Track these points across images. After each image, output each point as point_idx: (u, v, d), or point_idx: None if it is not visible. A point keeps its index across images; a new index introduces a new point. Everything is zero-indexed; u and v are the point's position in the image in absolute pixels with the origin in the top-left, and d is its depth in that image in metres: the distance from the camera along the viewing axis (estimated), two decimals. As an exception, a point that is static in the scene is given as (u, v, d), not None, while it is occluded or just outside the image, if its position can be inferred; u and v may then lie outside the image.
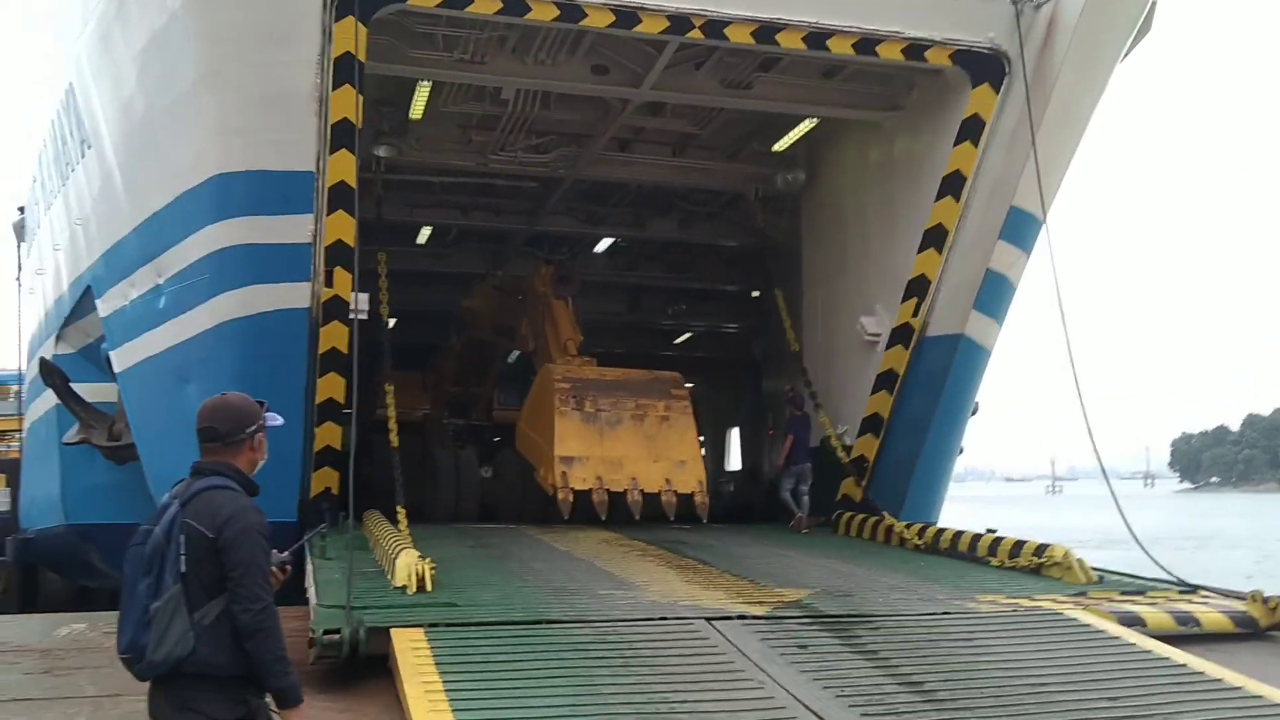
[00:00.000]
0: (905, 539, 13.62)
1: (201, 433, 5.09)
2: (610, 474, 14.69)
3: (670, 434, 15.34)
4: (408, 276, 23.80)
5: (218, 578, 4.74)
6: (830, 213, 17.75)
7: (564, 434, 14.91)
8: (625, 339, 27.83)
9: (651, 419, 15.34)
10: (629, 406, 15.27)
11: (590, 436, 14.96)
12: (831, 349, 17.23)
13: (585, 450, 14.79)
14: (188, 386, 14.19)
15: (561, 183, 18.88)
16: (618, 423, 15.12)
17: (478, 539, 13.65)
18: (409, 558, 9.38)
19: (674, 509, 14.78)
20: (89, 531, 18.96)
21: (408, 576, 9.27)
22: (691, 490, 14.97)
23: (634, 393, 15.52)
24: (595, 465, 14.70)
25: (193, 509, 4.83)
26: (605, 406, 15.15)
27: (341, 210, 12.84)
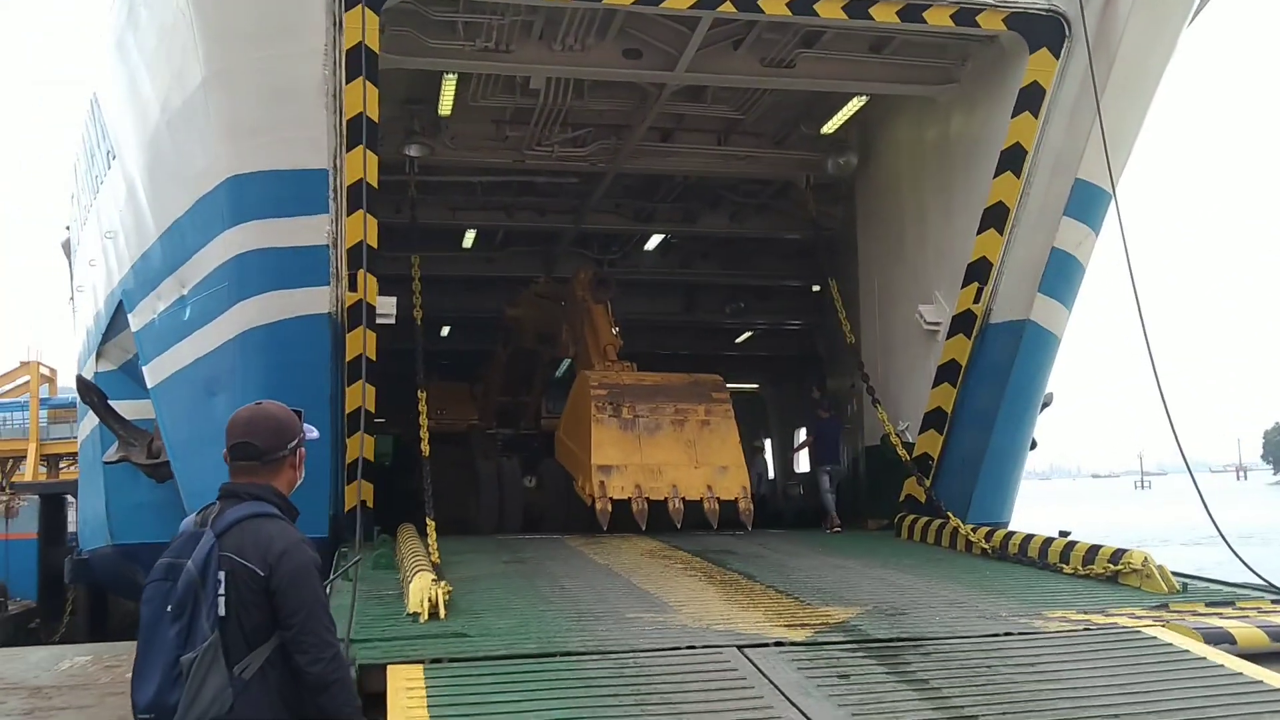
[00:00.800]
0: (971, 543, 12.63)
1: (235, 449, 4.44)
2: (650, 482, 14.07)
3: (711, 439, 14.69)
4: (456, 283, 23.53)
5: (262, 624, 4.12)
6: (885, 197, 16.79)
7: (601, 442, 14.33)
8: (683, 339, 27.41)
9: (692, 424, 14.70)
10: (668, 411, 14.68)
11: (628, 444, 14.37)
12: (890, 341, 16.31)
13: (623, 458, 14.22)
14: (215, 399, 13.73)
15: (603, 177, 18.16)
16: (657, 429, 14.54)
17: (514, 553, 12.93)
18: (422, 582, 8.67)
19: (717, 516, 14.12)
20: (133, 551, 18.67)
21: (420, 603, 8.55)
22: (735, 496, 14.32)
23: (673, 397, 14.91)
24: (634, 473, 14.10)
25: (234, 541, 4.19)
26: (643, 412, 14.58)
27: (362, 211, 12.22)
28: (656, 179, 19.36)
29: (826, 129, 16.83)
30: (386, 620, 8.54)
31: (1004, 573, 11.03)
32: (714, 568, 11.38)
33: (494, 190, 19.63)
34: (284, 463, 4.45)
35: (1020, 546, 11.74)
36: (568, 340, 18.29)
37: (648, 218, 20.66)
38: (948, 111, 14.78)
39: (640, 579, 10.62)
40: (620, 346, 16.88)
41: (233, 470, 4.47)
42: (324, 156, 11.58)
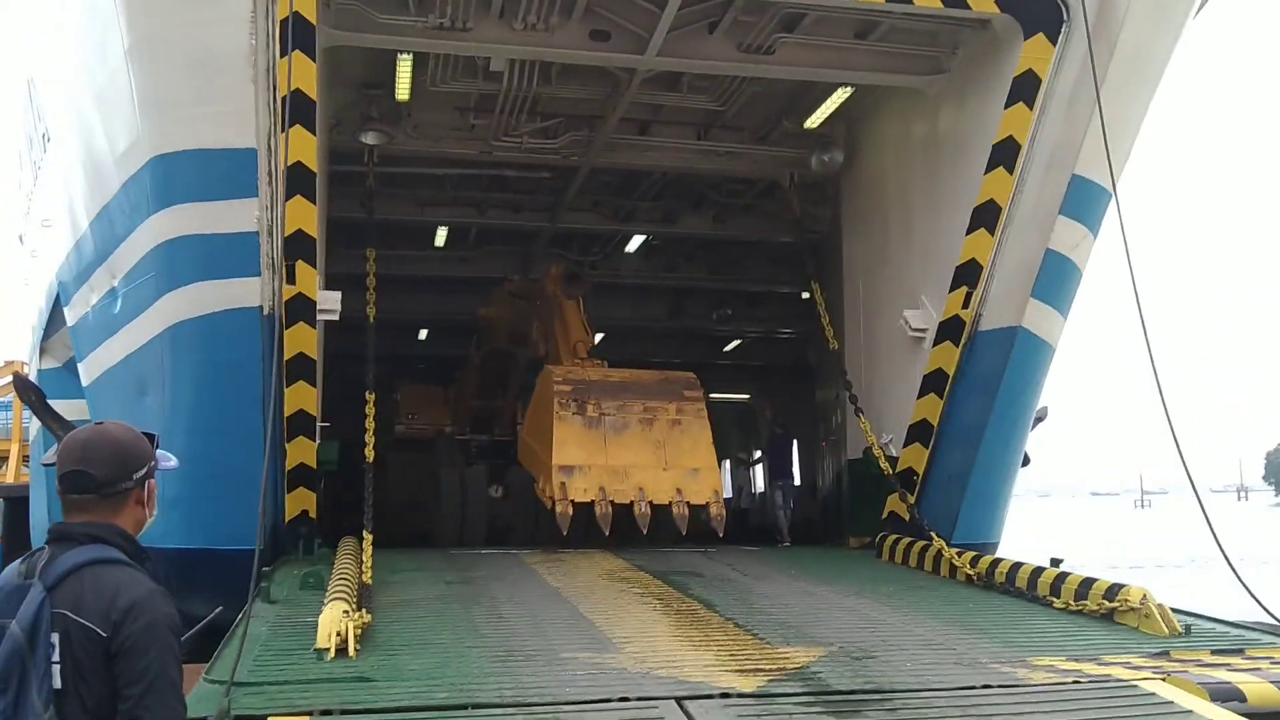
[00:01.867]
0: (956, 569, 11.62)
1: (67, 480, 3.54)
2: (615, 484, 13.15)
3: (683, 439, 13.77)
4: (429, 283, 22.57)
5: (108, 699, 3.25)
6: (870, 196, 15.85)
7: (563, 440, 13.39)
8: (671, 346, 26.52)
9: (661, 423, 13.76)
10: (636, 410, 13.77)
11: (593, 443, 13.44)
12: (873, 348, 15.37)
13: (587, 458, 13.31)
14: (146, 400, 12.74)
15: (578, 172, 17.18)
16: (623, 428, 13.61)
17: (462, 572, 11.94)
18: (332, 614, 7.65)
19: (686, 522, 13.22)
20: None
21: (327, 638, 7.54)
22: (706, 501, 13.42)
23: (642, 395, 14.01)
24: (598, 475, 13.19)
25: (69, 595, 3.32)
26: (610, 410, 13.67)
27: (301, 196, 11.31)
28: (635, 175, 18.37)
29: (810, 123, 15.84)
30: (288, 657, 7.53)
31: (988, 605, 10.03)
32: (673, 594, 10.39)
33: (463, 185, 18.63)
34: (128, 496, 3.60)
35: (1008, 575, 10.73)
36: (538, 339, 17.45)
37: (627, 217, 19.67)
38: (936, 104, 13.80)
39: (589, 606, 9.61)
40: (592, 345, 15.98)
41: (65, 506, 3.57)
42: (251, 134, 10.56)
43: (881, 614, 9.53)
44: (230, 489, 12.03)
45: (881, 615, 9.47)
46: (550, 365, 15.07)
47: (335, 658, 7.39)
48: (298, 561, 12.20)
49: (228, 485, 12.02)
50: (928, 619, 9.27)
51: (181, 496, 12.73)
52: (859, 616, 9.41)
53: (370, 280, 14.82)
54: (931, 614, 9.52)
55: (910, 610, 9.67)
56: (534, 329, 17.69)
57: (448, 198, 19.03)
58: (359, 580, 9.79)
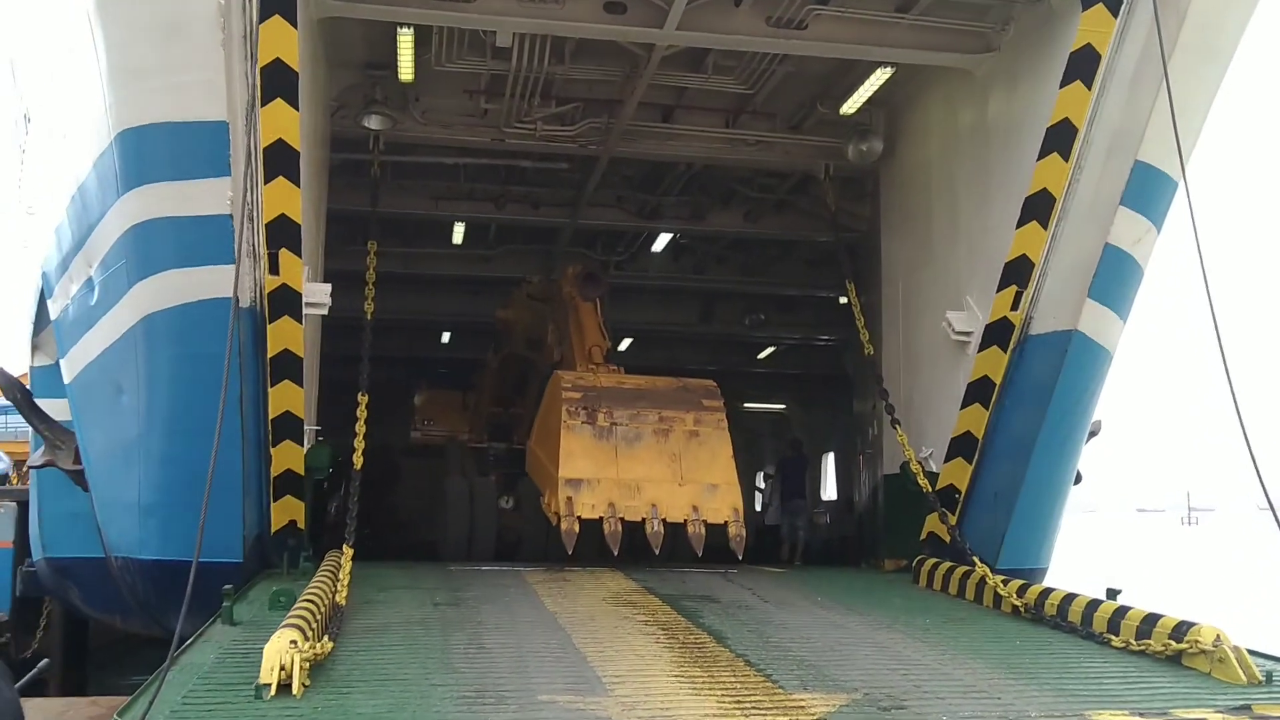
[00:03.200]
0: (1001, 598, 10.53)
1: None
2: (626, 500, 12.34)
3: (700, 452, 12.95)
4: (450, 283, 22.05)
5: None
6: (912, 189, 14.83)
7: (571, 452, 12.60)
8: (702, 352, 26.10)
9: (677, 434, 12.95)
10: (650, 419, 12.99)
11: (603, 455, 12.68)
12: (913, 354, 14.41)
13: (596, 471, 12.53)
14: (122, 399, 11.92)
15: (597, 163, 16.24)
16: (636, 439, 12.84)
17: (454, 591, 11.01)
18: (278, 644, 6.70)
19: (701, 542, 12.39)
20: (65, 566, 16.93)
21: (270, 671, 6.60)
22: (724, 519, 12.53)
23: (657, 403, 13.19)
24: (608, 489, 12.38)
25: None
26: (622, 419, 12.90)
27: (283, 178, 10.42)
28: (659, 168, 17.48)
29: (846, 109, 14.78)
30: (224, 693, 6.65)
31: (1039, 644, 8.96)
32: (681, 623, 9.39)
33: (479, 176, 17.86)
34: None
35: (1060, 608, 9.65)
36: (553, 343, 16.65)
37: (652, 214, 18.76)
38: (985, 85, 12.76)
39: (584, 636, 8.63)
40: (609, 349, 15.11)
41: None
42: (222, 105, 9.68)
43: (916, 652, 8.47)
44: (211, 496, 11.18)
45: (916, 653, 8.41)
46: (560, 370, 14.27)
47: (277, 695, 6.47)
48: (281, 577, 11.34)
49: (200, 493, 11.19)
50: (969, 659, 8.22)
51: (158, 503, 11.90)
52: (890, 655, 8.35)
53: (369, 275, 13.96)
54: (973, 653, 8.47)
55: (949, 648, 8.62)
56: (549, 332, 16.90)
57: (463, 191, 18.31)
58: (331, 601, 8.87)
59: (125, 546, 12.93)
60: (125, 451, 12.17)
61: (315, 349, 12.91)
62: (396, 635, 8.55)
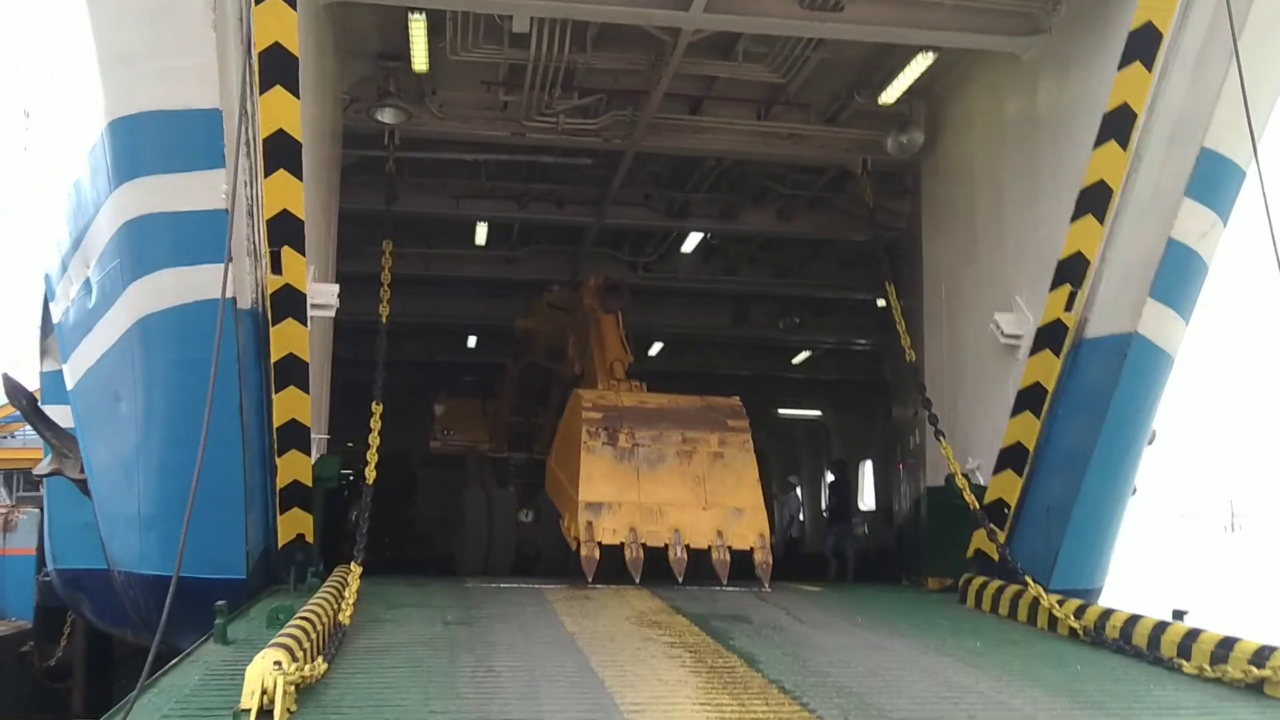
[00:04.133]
0: (1057, 620, 9.91)
1: None
2: (647, 525, 12.20)
3: (725, 475, 12.80)
4: (474, 286, 21.80)
5: None
6: (955, 183, 14.32)
7: (591, 474, 12.47)
8: (735, 357, 25.86)
9: (701, 456, 12.81)
10: (674, 440, 12.87)
11: (624, 477, 12.55)
12: (958, 359, 13.88)
13: (617, 494, 12.40)
14: (120, 406, 11.53)
15: (622, 158, 15.79)
16: (659, 461, 12.72)
17: (468, 608, 10.54)
18: (260, 667, 6.20)
19: (727, 569, 12.20)
20: (76, 578, 16.59)
21: (250, 696, 6.10)
22: (750, 545, 12.38)
23: (681, 423, 13.07)
24: (629, 513, 12.26)
25: None
26: (644, 440, 12.79)
27: (285, 171, 10.04)
28: (687, 164, 17.03)
29: (885, 99, 14.23)
30: (203, 718, 6.14)
31: (1100, 669, 8.38)
32: (710, 645, 8.85)
33: (501, 174, 17.46)
34: None
35: (1122, 631, 9.04)
36: (574, 354, 16.47)
37: (681, 212, 18.29)
38: (1035, 71, 12.19)
39: (604, 659, 8.10)
40: (630, 364, 14.95)
41: None
42: (214, 92, 9.26)
43: (968, 678, 7.88)
44: (210, 509, 10.75)
45: (968, 679, 7.82)
46: (580, 389, 14.11)
47: (257, 720, 5.97)
48: (287, 593, 10.90)
49: (208, 505, 10.72)
50: (1026, 686, 7.64)
51: (158, 516, 11.52)
52: (939, 681, 7.77)
53: (384, 276, 13.53)
54: (1030, 679, 7.89)
55: (1004, 674, 8.03)
56: (570, 344, 16.69)
57: (485, 189, 17.92)
58: (331, 620, 8.39)
59: (127, 560, 12.56)
60: (125, 462, 11.81)
61: (325, 353, 12.49)
62: (400, 656, 8.06)
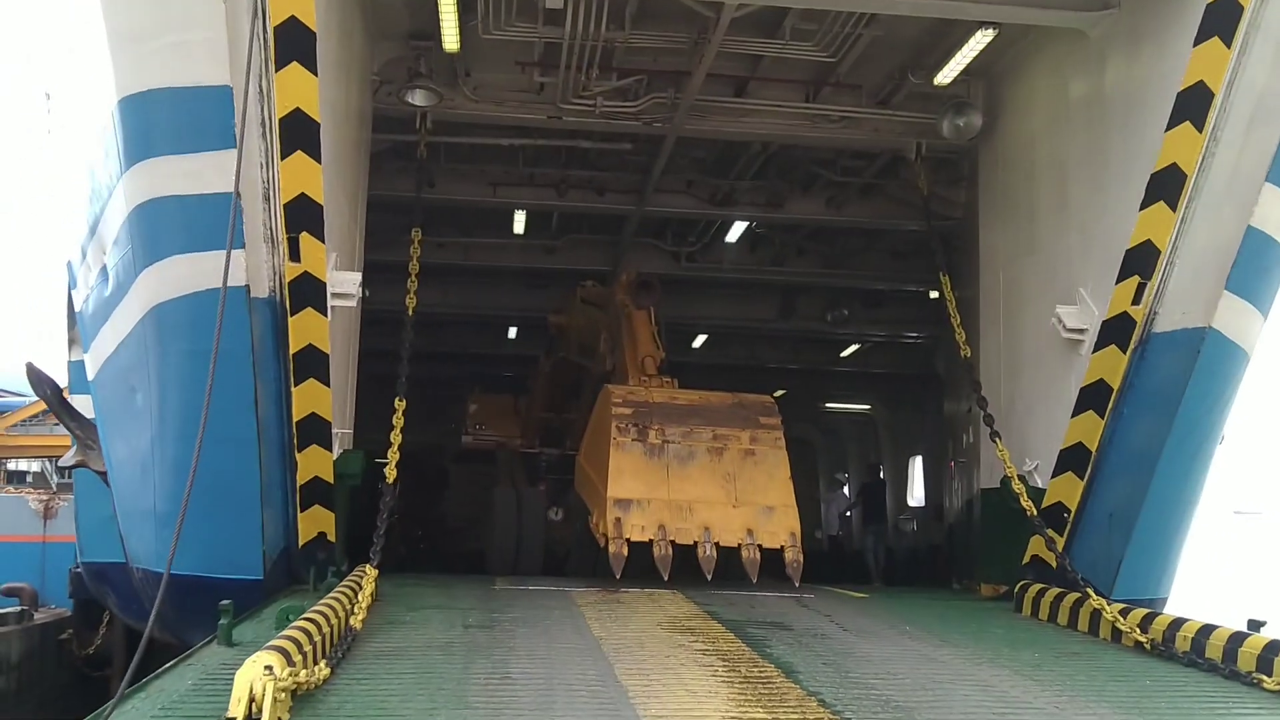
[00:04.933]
0: (1121, 631, 9.39)
1: None
2: (677, 522, 12.15)
3: (756, 472, 12.74)
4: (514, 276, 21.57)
5: None
6: (1015, 169, 13.79)
7: (620, 470, 12.43)
8: (782, 350, 25.63)
9: (732, 453, 12.75)
10: (704, 437, 12.82)
11: (653, 474, 12.50)
12: (1016, 354, 13.42)
13: (646, 491, 12.34)
14: (136, 398, 11.29)
15: (664, 143, 15.40)
16: (689, 458, 12.67)
17: (492, 611, 10.24)
18: (250, 673, 5.86)
19: (757, 568, 12.15)
20: (102, 571, 16.48)
21: (237, 703, 5.78)
22: (780, 544, 12.31)
23: (711, 420, 13.03)
24: (658, 511, 12.20)
25: None
26: (674, 437, 12.77)
27: (302, 152, 9.74)
28: (732, 150, 16.63)
29: (941, 79, 13.69)
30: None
31: (1173, 685, 7.92)
32: (745, 653, 8.46)
33: (538, 160, 17.16)
34: None
35: (1194, 642, 8.52)
36: (606, 350, 16.47)
37: (725, 200, 17.93)
38: (1101, 48, 11.69)
39: (629, 667, 7.72)
40: (663, 360, 14.84)
41: None
42: (224, 68, 8.95)
43: (1026, 693, 7.41)
44: (225, 508, 10.51)
45: (1026, 695, 7.35)
46: (610, 385, 14.15)
47: (244, 731, 5.65)
48: (306, 594, 10.61)
49: (223, 502, 10.52)
50: (1091, 701, 7.22)
51: (173, 514, 11.23)
52: (995, 696, 7.30)
53: (413, 265, 13.24)
54: (1096, 694, 7.45)
55: (1066, 688, 7.57)
56: (602, 340, 16.68)
57: (522, 176, 17.64)
58: (340, 622, 8.07)
59: (144, 558, 12.38)
60: (141, 457, 11.62)
61: (348, 345, 12.21)
62: (411, 662, 7.73)
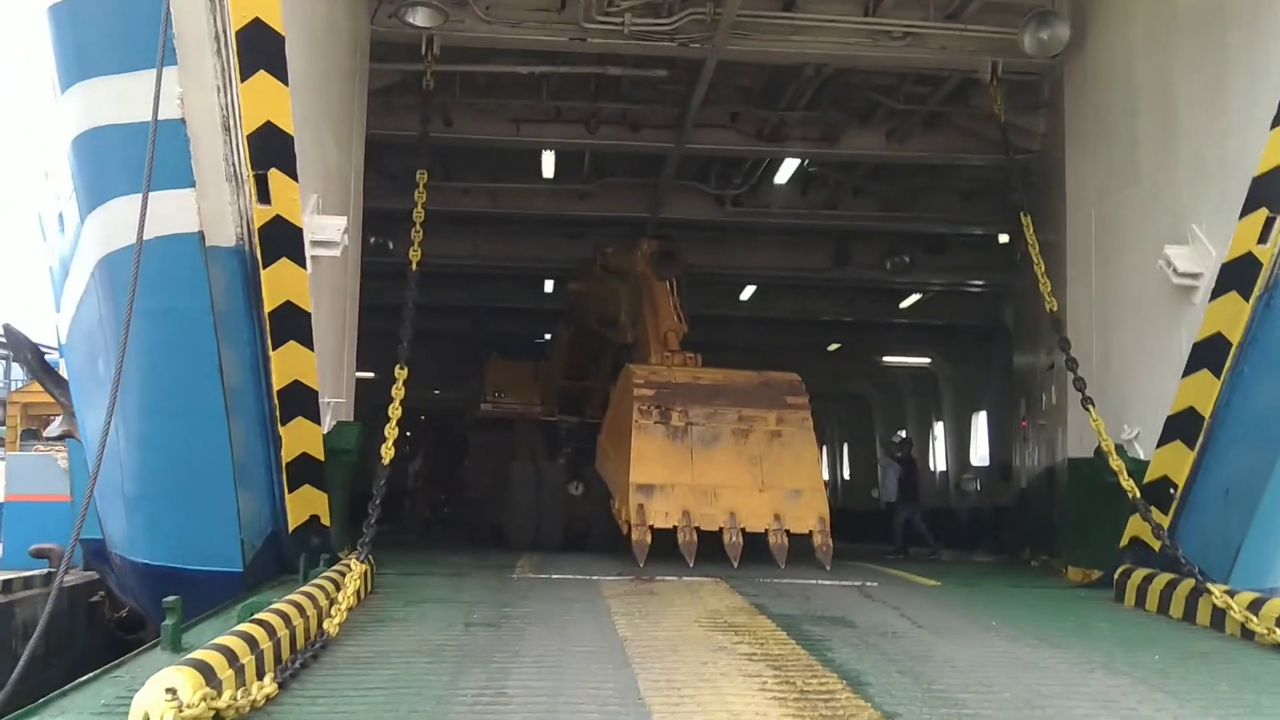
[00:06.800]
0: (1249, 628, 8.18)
1: None
2: (701, 507, 12.22)
3: (783, 455, 12.87)
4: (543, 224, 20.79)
5: None
6: (1109, 88, 12.46)
7: (642, 454, 12.55)
8: (836, 302, 24.98)
9: (758, 435, 12.87)
10: (729, 418, 12.96)
11: (677, 458, 12.63)
12: (1112, 304, 12.24)
13: (669, 476, 12.46)
14: (98, 364, 10.32)
15: (703, 68, 14.16)
16: (713, 440, 12.81)
17: (503, 605, 9.36)
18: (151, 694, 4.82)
19: (784, 554, 12.16)
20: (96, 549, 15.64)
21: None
22: (809, 529, 12.40)
23: (736, 400, 13.16)
24: (682, 495, 12.28)
25: None
26: (698, 419, 12.88)
27: (265, 73, 8.62)
28: (781, 76, 15.37)
29: (1022, -16, 12.32)
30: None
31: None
32: (801, 657, 7.37)
33: (564, 91, 16.07)
34: None
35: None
36: (626, 321, 16.51)
37: (774, 135, 16.74)
38: (1220, -65, 10.20)
39: (657, 678, 6.60)
40: (685, 334, 14.81)
41: None
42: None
43: (1157, 709, 6.13)
44: (195, 490, 9.52)
45: (1158, 711, 6.08)
46: (632, 364, 14.23)
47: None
48: (294, 585, 9.58)
49: (190, 484, 9.55)
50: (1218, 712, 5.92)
51: (141, 497, 10.39)
52: (1119, 715, 6.02)
53: (417, 213, 12.07)
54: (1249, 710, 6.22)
55: (1208, 703, 6.30)
56: (622, 311, 16.68)
57: (548, 111, 16.55)
58: (305, 623, 7.03)
59: (119, 543, 11.51)
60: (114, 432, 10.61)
61: (339, 301, 11.18)
62: (388, 672, 6.64)
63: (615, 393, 14.31)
